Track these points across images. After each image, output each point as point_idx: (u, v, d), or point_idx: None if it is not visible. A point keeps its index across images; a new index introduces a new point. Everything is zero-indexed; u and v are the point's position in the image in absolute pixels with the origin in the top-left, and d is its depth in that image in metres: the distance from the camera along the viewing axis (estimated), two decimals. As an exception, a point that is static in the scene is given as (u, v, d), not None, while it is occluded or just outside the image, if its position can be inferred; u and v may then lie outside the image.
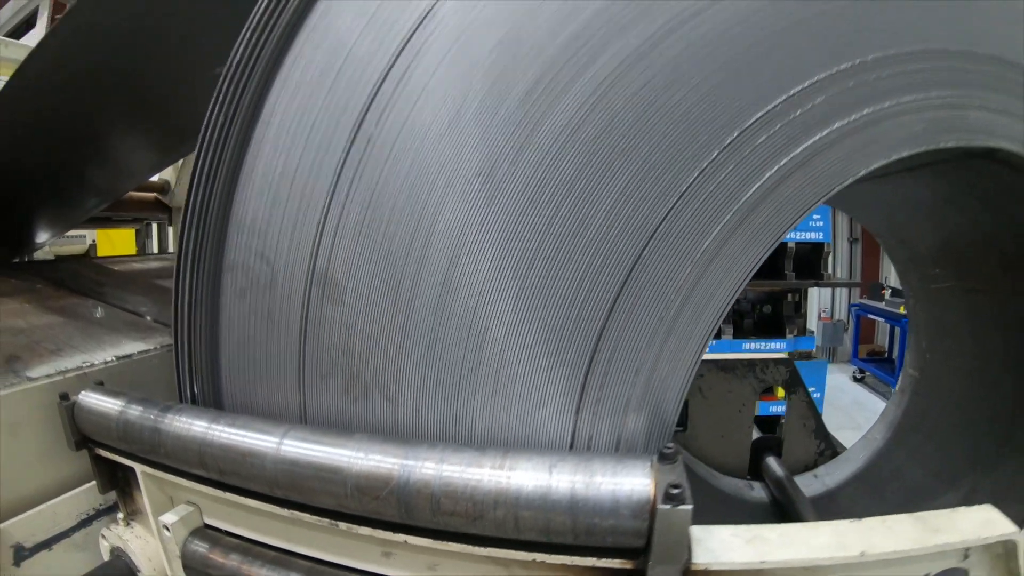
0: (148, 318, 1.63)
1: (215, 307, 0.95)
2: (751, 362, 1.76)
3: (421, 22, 0.83)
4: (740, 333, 5.80)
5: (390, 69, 0.84)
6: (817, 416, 1.84)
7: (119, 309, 1.72)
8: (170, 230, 3.31)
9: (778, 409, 5.98)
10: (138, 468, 0.92)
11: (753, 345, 5.71)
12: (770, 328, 5.87)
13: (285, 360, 0.88)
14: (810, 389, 5.83)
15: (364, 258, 0.83)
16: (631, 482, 0.60)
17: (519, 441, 0.77)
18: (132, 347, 1.36)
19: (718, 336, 5.53)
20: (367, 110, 0.84)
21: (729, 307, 0.78)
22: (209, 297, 0.96)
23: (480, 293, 0.78)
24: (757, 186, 0.76)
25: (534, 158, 0.77)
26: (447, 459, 0.66)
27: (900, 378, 1.86)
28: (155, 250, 3.49)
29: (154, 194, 2.83)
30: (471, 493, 0.63)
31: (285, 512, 0.77)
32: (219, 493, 0.82)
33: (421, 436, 0.81)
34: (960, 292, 1.54)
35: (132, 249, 4.76)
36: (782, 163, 0.76)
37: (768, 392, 1.87)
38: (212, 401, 0.94)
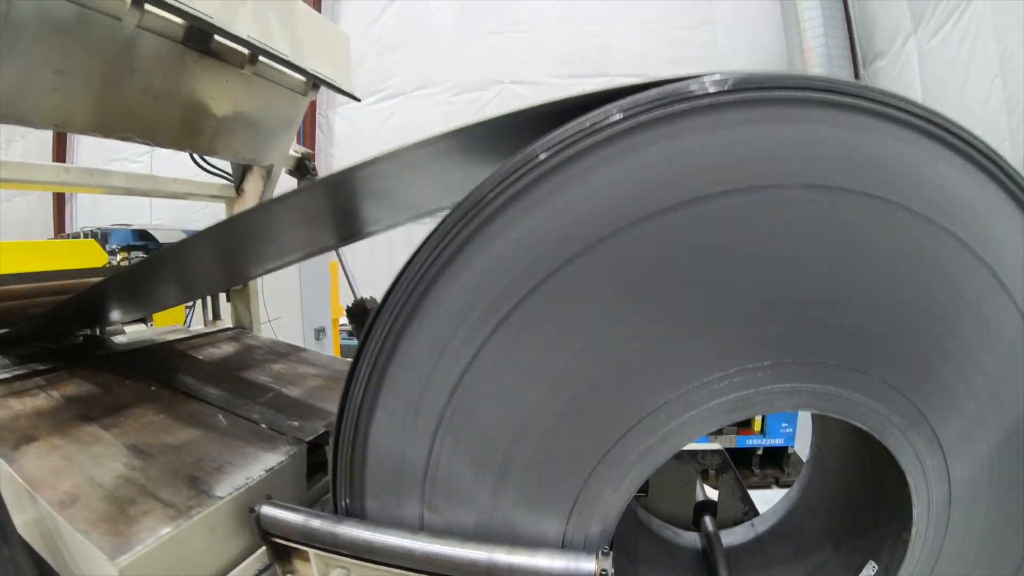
0: (263, 426, 2.31)
1: (367, 435, 1.57)
2: (692, 452, 2.52)
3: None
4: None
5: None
6: (743, 488, 2.57)
7: (236, 416, 2.39)
8: (223, 300, 3.73)
9: (753, 442, 6.97)
10: (311, 551, 1.63)
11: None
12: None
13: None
14: (783, 425, 6.83)
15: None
16: (587, 565, 1.33)
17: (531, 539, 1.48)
18: (270, 459, 2.04)
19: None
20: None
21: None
22: (366, 425, 1.56)
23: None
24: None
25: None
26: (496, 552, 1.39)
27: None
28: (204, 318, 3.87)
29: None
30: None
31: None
32: (371, 565, 1.53)
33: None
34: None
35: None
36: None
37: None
38: (359, 509, 1.64)
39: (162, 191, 3.08)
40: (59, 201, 17.38)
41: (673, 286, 1.25)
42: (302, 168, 3.41)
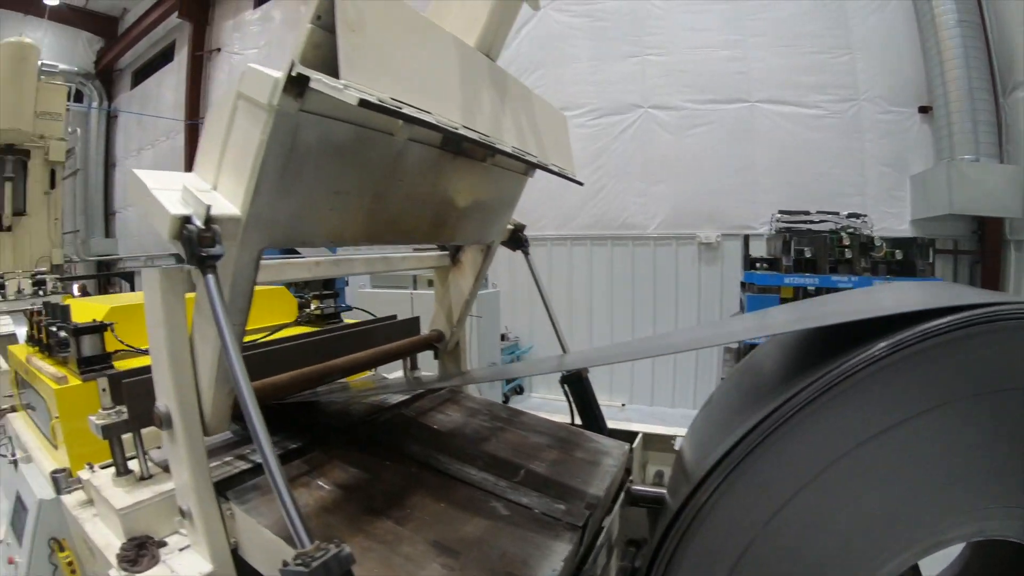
0: (536, 511, 2.20)
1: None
2: None
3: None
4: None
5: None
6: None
7: (507, 501, 2.30)
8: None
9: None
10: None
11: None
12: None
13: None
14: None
15: None
16: None
17: None
18: (560, 548, 1.95)
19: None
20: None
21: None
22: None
23: None
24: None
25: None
26: None
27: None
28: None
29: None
30: None
31: None
32: None
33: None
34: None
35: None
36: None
37: None
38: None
39: (394, 269, 3.24)
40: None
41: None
42: (516, 240, 3.41)
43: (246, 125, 1.65)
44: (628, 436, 3.02)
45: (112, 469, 2.55)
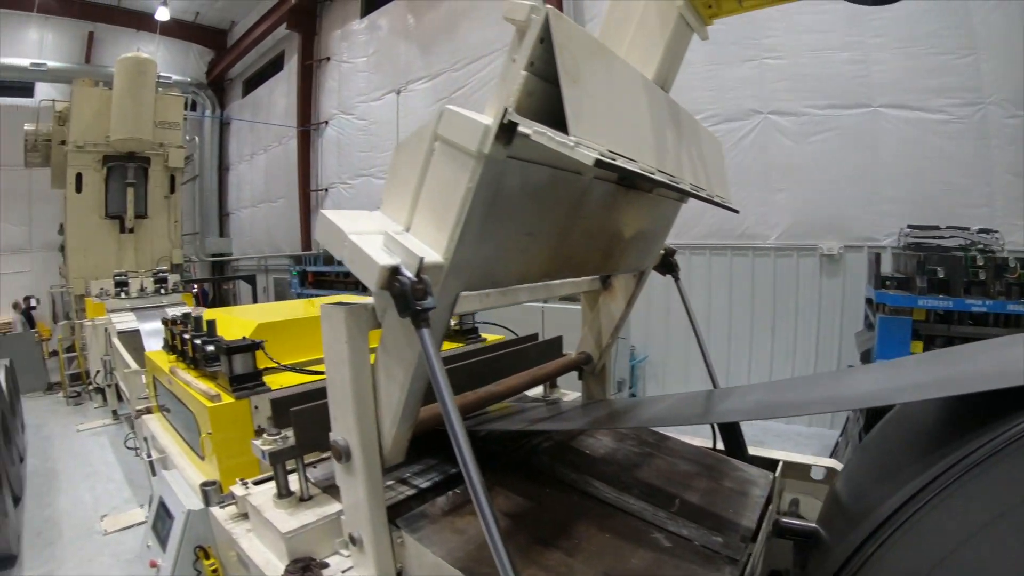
0: (697, 543, 2.16)
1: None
2: None
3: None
4: None
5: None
6: None
7: (668, 532, 2.25)
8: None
9: None
10: None
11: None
12: None
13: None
14: None
15: None
16: None
17: None
18: None
19: None
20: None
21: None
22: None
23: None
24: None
25: None
26: None
27: None
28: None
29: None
30: None
31: None
32: None
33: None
34: None
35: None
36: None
37: None
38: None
39: (553, 295, 3.25)
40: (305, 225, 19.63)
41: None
42: (667, 264, 3.35)
43: (448, 170, 1.65)
44: (767, 463, 2.97)
45: (268, 486, 2.65)
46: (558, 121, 1.50)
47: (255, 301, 18.88)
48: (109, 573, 5.77)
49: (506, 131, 1.54)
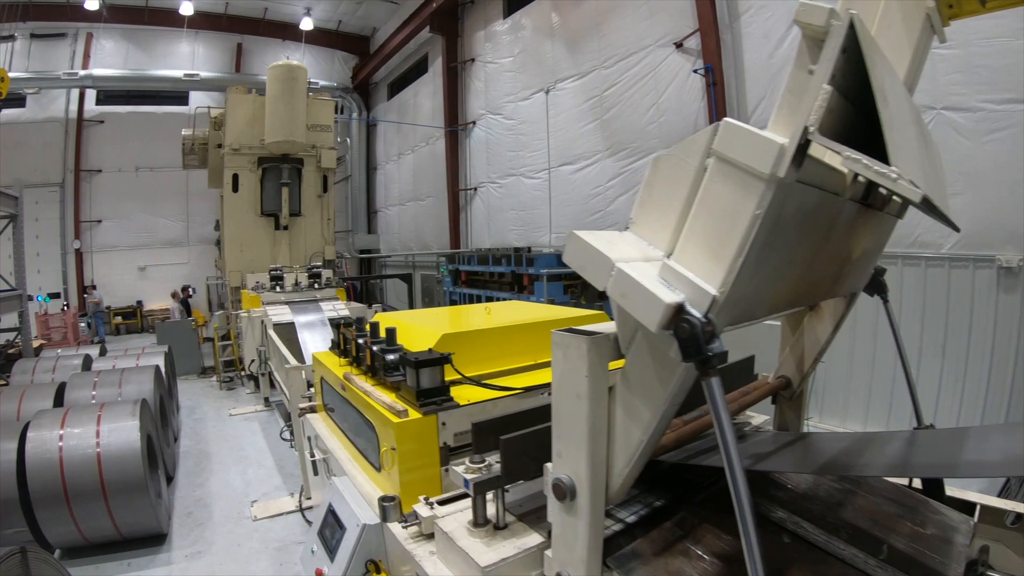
0: None
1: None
2: None
3: None
4: None
5: None
6: None
7: None
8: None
9: None
10: None
11: None
12: None
13: None
14: None
15: None
16: None
17: None
18: None
19: None
20: None
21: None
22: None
23: None
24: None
25: None
26: None
27: None
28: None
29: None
30: None
31: None
32: None
33: None
34: None
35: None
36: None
37: None
38: None
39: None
40: (454, 223, 20.05)
41: None
42: (877, 284, 3.03)
43: (728, 193, 1.46)
44: (963, 504, 2.79)
45: (455, 507, 2.63)
46: (845, 141, 1.34)
47: (410, 299, 19.47)
48: (257, 559, 5.99)
49: (800, 152, 1.36)
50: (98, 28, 22.44)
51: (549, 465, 1.95)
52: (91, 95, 23.64)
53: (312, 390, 5.38)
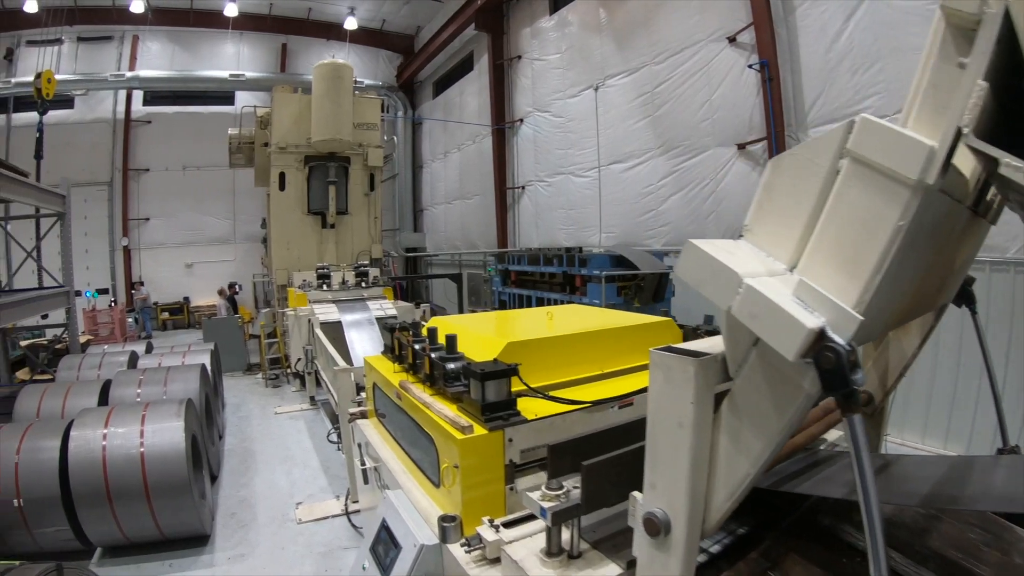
0: None
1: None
2: None
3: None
4: None
5: None
6: None
7: None
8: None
9: None
10: None
11: None
12: None
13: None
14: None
15: None
16: None
17: None
18: None
19: None
20: None
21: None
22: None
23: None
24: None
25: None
26: None
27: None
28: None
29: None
30: None
31: None
32: None
33: None
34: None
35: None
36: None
37: None
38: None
39: None
40: (502, 222, 19.96)
41: None
42: (966, 295, 2.81)
43: (866, 200, 1.29)
44: None
45: (522, 531, 2.50)
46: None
47: (461, 299, 19.45)
48: (301, 564, 5.91)
49: (948, 156, 1.21)
50: (144, 31, 23.01)
51: (637, 495, 1.78)
52: (138, 96, 24.19)
53: (363, 395, 5.28)
